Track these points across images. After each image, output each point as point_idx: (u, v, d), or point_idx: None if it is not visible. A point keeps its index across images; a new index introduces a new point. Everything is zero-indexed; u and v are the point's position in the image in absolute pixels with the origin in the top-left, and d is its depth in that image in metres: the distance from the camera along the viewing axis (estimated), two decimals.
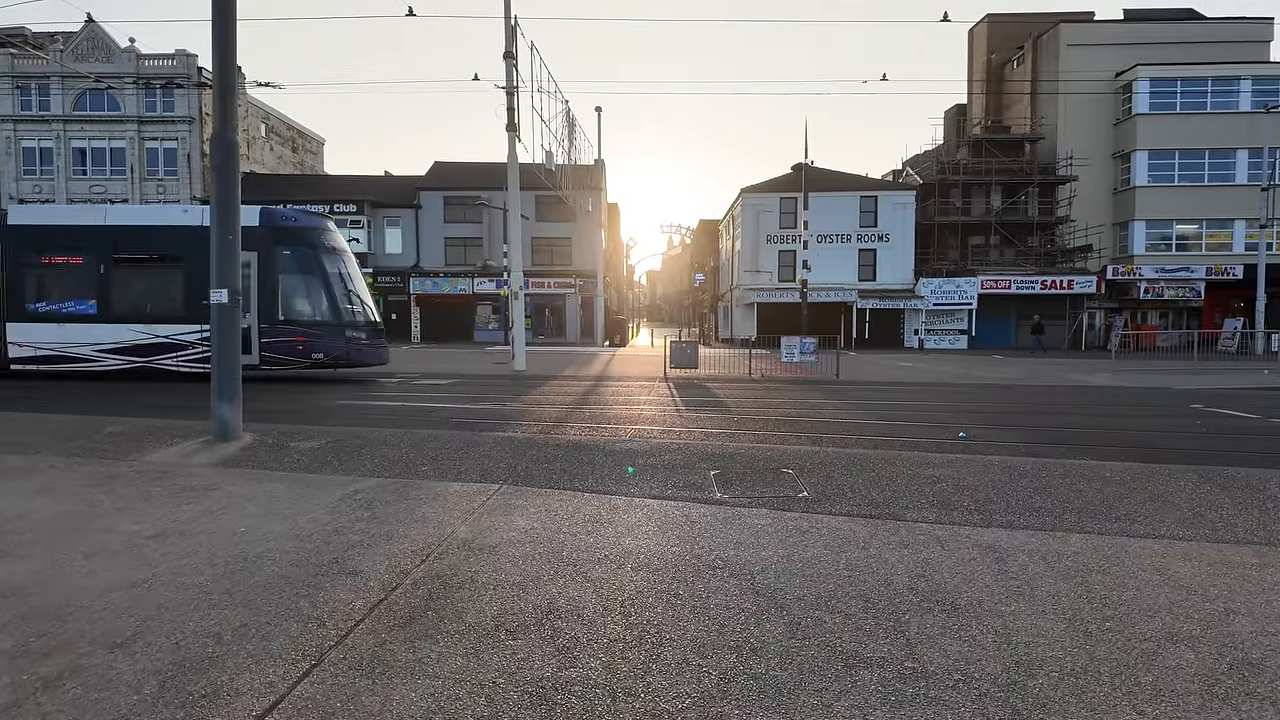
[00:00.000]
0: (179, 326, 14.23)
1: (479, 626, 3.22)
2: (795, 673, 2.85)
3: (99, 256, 14.45)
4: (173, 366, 14.31)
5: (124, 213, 15.08)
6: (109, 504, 5.15)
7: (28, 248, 14.54)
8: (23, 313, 14.48)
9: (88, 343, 14.37)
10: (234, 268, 7.18)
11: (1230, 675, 2.86)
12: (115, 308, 14.45)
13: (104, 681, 2.72)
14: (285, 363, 14.41)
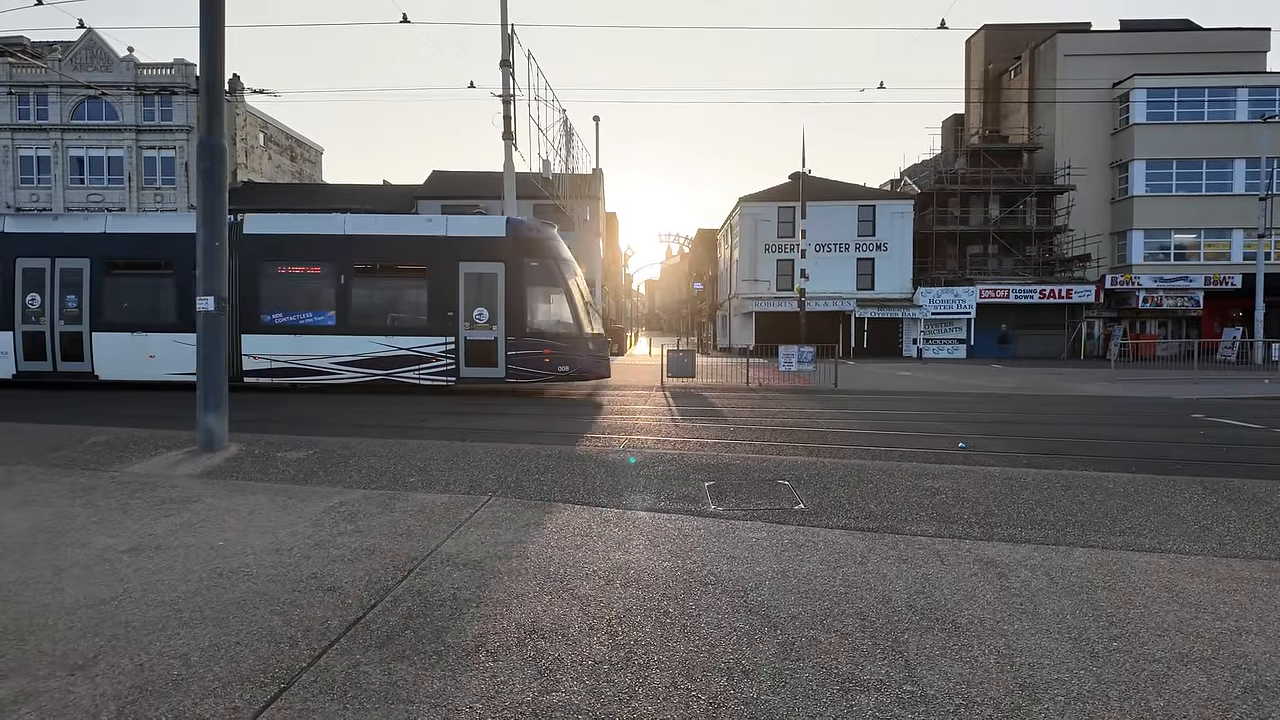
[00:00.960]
0: (421, 339, 13.79)
1: (458, 647, 3.08)
2: (789, 697, 2.71)
3: (337, 266, 13.97)
4: (413, 379, 13.87)
5: (363, 222, 14.50)
6: (85, 516, 5.00)
7: (262, 257, 14.07)
8: (257, 324, 14.03)
9: (325, 355, 13.90)
10: (221, 274, 7.06)
11: (1245, 700, 2.73)
12: (354, 319, 13.99)
13: (60, 707, 2.58)
14: (531, 375, 13.95)
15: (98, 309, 14.09)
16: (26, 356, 14.11)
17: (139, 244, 14.32)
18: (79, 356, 14.07)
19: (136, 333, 14.06)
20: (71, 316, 14.12)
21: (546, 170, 22.34)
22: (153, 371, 14.05)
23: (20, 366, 14.13)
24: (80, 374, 14.12)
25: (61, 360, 14.11)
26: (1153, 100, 35.65)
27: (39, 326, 14.10)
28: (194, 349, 13.63)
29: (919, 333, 37.35)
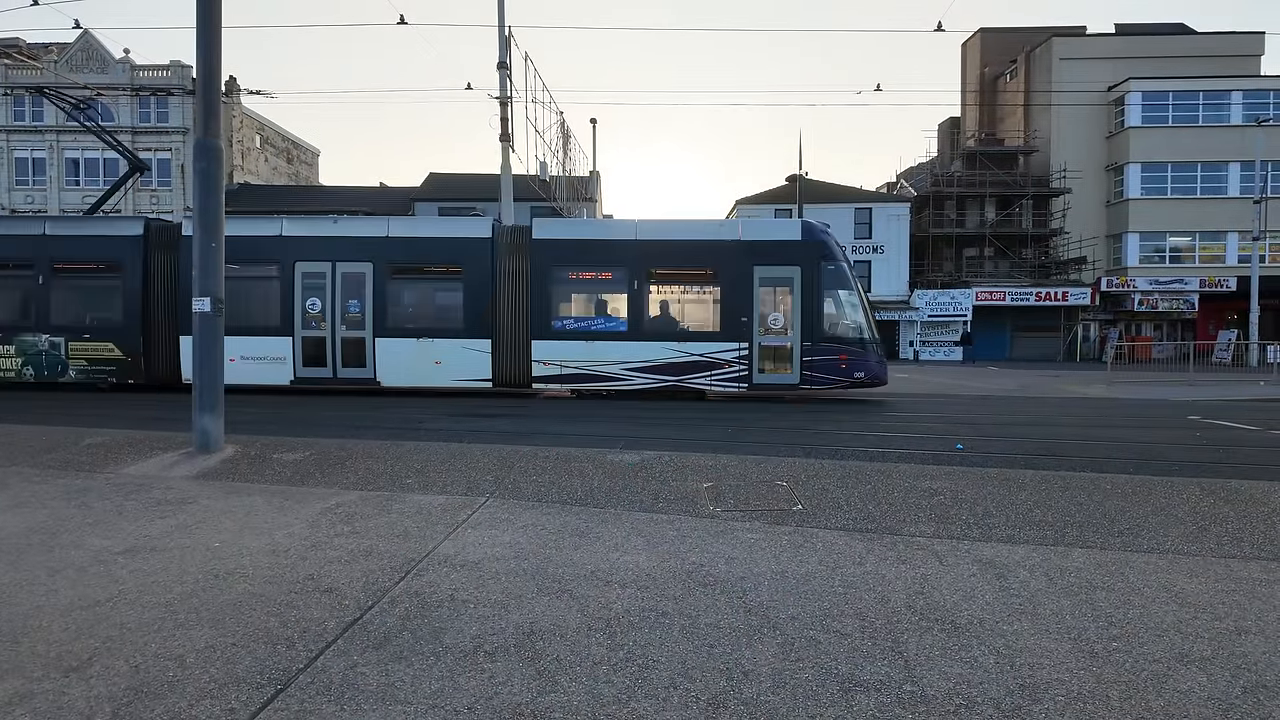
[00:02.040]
0: (714, 344, 13.56)
1: (456, 648, 3.07)
2: (789, 697, 2.70)
3: (629, 271, 13.74)
4: (705, 385, 13.63)
5: (655, 227, 14.12)
6: (80, 518, 4.98)
7: (552, 263, 13.83)
8: (547, 330, 13.76)
9: (616, 361, 13.66)
10: (217, 275, 7.04)
11: (1245, 699, 2.72)
12: (647, 324, 13.77)
13: (54, 709, 2.56)
14: (827, 382, 13.68)
15: (381, 314, 13.82)
16: (305, 363, 13.87)
17: (423, 248, 14.08)
18: (361, 363, 13.86)
19: (422, 338, 13.83)
20: (354, 322, 13.86)
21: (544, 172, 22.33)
22: (438, 378, 13.83)
23: (299, 373, 13.86)
24: (362, 380, 13.88)
25: (343, 366, 13.88)
26: (1148, 103, 35.79)
27: (319, 332, 13.85)
28: (485, 355, 13.63)
29: (916, 335, 37.40)
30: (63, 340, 14.06)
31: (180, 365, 13.87)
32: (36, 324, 14.11)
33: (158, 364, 14.10)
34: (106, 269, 14.24)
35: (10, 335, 14.06)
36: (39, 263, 14.08)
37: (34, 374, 14.07)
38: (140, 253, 14.05)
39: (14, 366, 14.05)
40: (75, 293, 14.55)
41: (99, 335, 14.11)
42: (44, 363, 14.07)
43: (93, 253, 14.25)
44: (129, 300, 14.07)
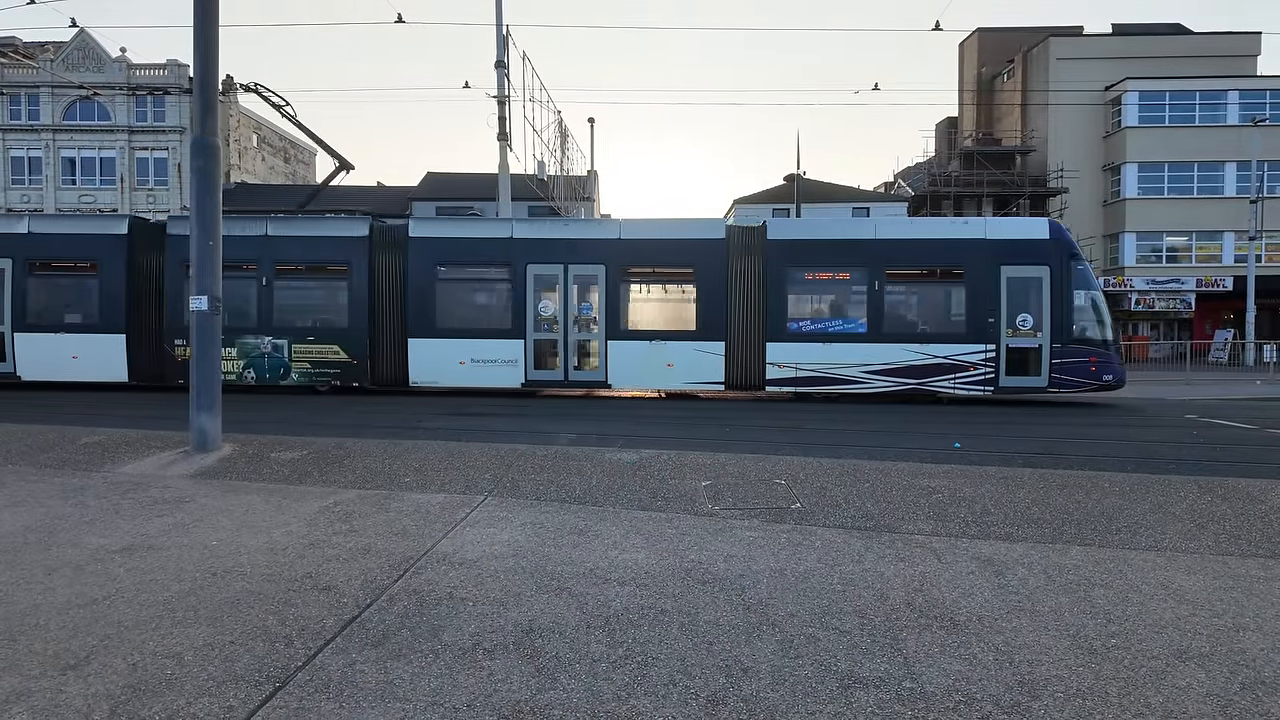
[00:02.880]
0: (957, 346, 13.32)
1: (455, 645, 3.06)
2: (788, 694, 2.70)
3: (868, 271, 13.49)
4: (948, 388, 13.39)
5: (895, 225, 13.84)
6: (77, 517, 4.96)
7: (787, 263, 13.54)
8: (783, 332, 13.49)
9: (854, 363, 13.42)
10: (215, 274, 7.01)
11: (1244, 695, 2.73)
12: (886, 326, 13.46)
13: (52, 706, 2.56)
14: (1075, 385, 13.41)
15: (613, 316, 13.69)
16: (537, 365, 13.75)
17: (655, 249, 13.89)
18: (593, 365, 13.76)
19: (654, 341, 13.67)
20: (586, 324, 13.77)
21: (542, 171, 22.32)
22: (669, 380, 13.71)
23: (530, 375, 13.75)
24: (593, 383, 13.80)
25: (574, 369, 13.77)
26: (1144, 103, 35.83)
27: (551, 335, 13.75)
28: (718, 358, 13.44)
29: None
30: (286, 342, 13.85)
31: (408, 369, 13.79)
32: (259, 326, 13.88)
33: (383, 367, 13.93)
34: (331, 270, 14.12)
35: (232, 337, 13.66)
36: (262, 264, 13.86)
37: (255, 376, 13.85)
38: (365, 254, 13.87)
39: (235, 369, 13.80)
40: (299, 294, 14.41)
41: (324, 338, 13.91)
42: (266, 365, 13.86)
43: (317, 254, 14.10)
44: (355, 302, 13.86)
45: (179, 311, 13.52)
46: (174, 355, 13.67)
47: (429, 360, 13.75)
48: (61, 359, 13.91)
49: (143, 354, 14.01)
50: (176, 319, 13.58)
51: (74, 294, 14.45)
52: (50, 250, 14.14)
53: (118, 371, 13.92)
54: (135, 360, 13.99)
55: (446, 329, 13.78)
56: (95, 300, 14.01)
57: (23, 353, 13.96)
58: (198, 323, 6.96)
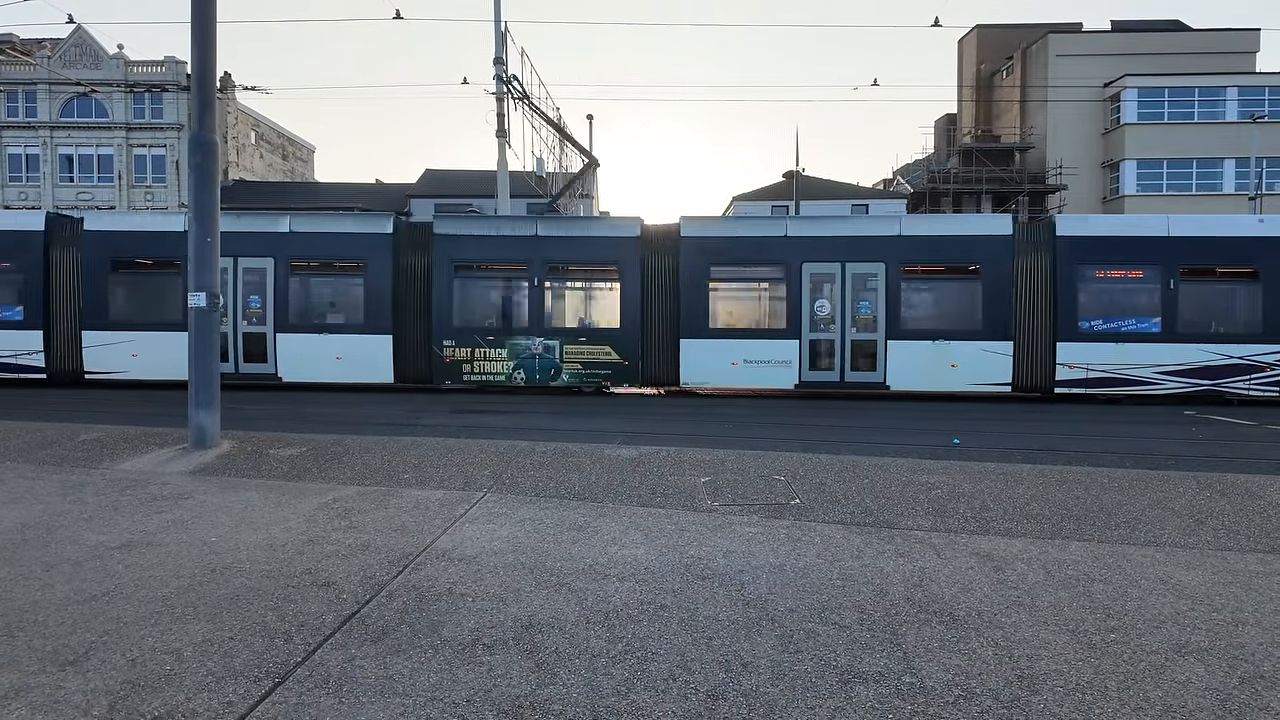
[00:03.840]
0: (1257, 346, 13.07)
1: (455, 641, 3.06)
2: (787, 689, 2.70)
3: (1163, 269, 13.13)
4: (1242, 390, 13.13)
5: (1189, 223, 13.54)
6: (76, 513, 4.96)
7: (1080, 260, 13.23)
8: (1074, 332, 13.14)
9: (1147, 364, 13.13)
10: (213, 270, 7.00)
11: (1243, 690, 2.73)
12: (1181, 325, 13.14)
13: (50, 702, 2.55)
14: None
15: (893, 315, 13.43)
16: (811, 366, 13.54)
17: (937, 247, 13.60)
18: (871, 366, 13.51)
19: (937, 340, 13.42)
20: (865, 324, 13.54)
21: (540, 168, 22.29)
22: (952, 382, 13.39)
23: (803, 376, 13.54)
24: (870, 384, 13.56)
25: (850, 370, 13.53)
26: (1143, 100, 35.82)
27: (828, 335, 13.54)
28: (1005, 358, 13.05)
29: None
30: (557, 343, 13.71)
31: (679, 370, 13.63)
32: (530, 327, 13.75)
33: (654, 368, 13.84)
34: (602, 270, 14.02)
35: (503, 339, 13.72)
36: (532, 264, 13.73)
37: (525, 378, 13.73)
38: (637, 254, 13.69)
39: (505, 370, 13.73)
40: (570, 295, 14.38)
41: (595, 339, 13.76)
42: (536, 366, 13.71)
43: (588, 254, 13.91)
44: (626, 302, 13.68)
45: (447, 312, 13.56)
46: (442, 356, 13.61)
47: (701, 361, 13.56)
48: (324, 360, 13.74)
49: (409, 355, 13.84)
50: (444, 320, 13.57)
51: (338, 294, 14.29)
52: (313, 250, 13.92)
53: (383, 373, 13.76)
54: (401, 361, 13.81)
55: (719, 329, 13.61)
56: (360, 300, 13.81)
57: (285, 354, 13.78)
58: (196, 319, 6.94)
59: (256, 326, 13.78)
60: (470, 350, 13.69)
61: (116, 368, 13.82)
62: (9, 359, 13.94)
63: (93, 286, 13.83)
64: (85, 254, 13.86)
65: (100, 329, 13.79)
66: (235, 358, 13.76)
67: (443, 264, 13.65)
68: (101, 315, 13.81)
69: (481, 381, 13.73)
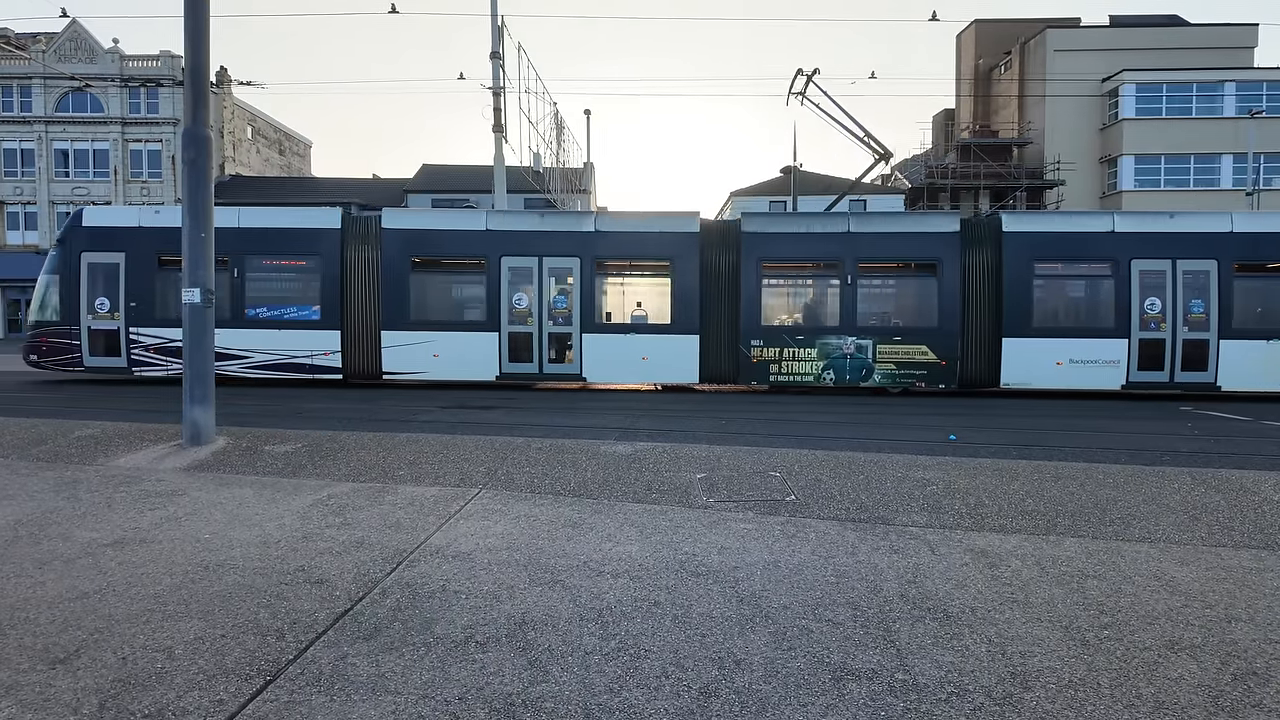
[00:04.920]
0: None
1: (448, 638, 3.05)
2: (780, 686, 2.70)
3: None
4: None
5: None
6: (69, 510, 4.94)
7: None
8: None
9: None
10: (208, 267, 6.97)
11: (1235, 686, 2.73)
12: None
13: (40, 700, 2.54)
14: None
15: (1225, 314, 13.14)
16: (1140, 366, 13.23)
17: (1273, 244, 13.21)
18: (1201, 366, 13.16)
19: (1273, 340, 13.11)
20: (1196, 323, 13.20)
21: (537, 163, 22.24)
22: None
23: (1132, 376, 13.22)
24: (1200, 385, 13.23)
25: (1180, 370, 13.18)
26: (1141, 95, 35.82)
27: (1158, 334, 13.23)
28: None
29: None
30: (870, 343, 13.33)
31: (999, 369, 13.25)
32: (842, 326, 13.39)
33: (972, 367, 13.44)
34: (919, 267, 13.60)
35: (813, 338, 13.38)
36: (844, 261, 13.35)
37: (834, 378, 13.39)
38: (956, 250, 13.28)
39: (813, 370, 13.41)
40: (884, 293, 13.95)
41: (910, 338, 13.36)
42: (847, 366, 13.37)
43: (904, 251, 13.51)
44: (945, 300, 13.26)
45: (755, 311, 13.31)
46: (749, 356, 13.39)
47: (1023, 360, 13.19)
48: (629, 361, 13.57)
49: (715, 355, 13.61)
50: (753, 319, 13.32)
51: (644, 293, 14.04)
52: (620, 249, 13.67)
53: (689, 374, 13.55)
54: (707, 361, 13.58)
55: (1042, 328, 13.22)
56: (667, 300, 13.55)
57: (589, 355, 13.58)
58: (190, 315, 6.91)
59: (562, 327, 13.56)
60: (778, 350, 13.43)
61: (416, 368, 13.60)
62: (305, 359, 13.63)
63: (392, 286, 13.57)
64: (384, 252, 13.55)
65: (400, 329, 13.56)
66: (540, 358, 13.60)
67: (751, 262, 13.34)
68: (402, 315, 13.57)
69: (788, 381, 13.45)
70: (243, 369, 13.70)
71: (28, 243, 38.76)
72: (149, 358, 13.67)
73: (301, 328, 13.67)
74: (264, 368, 13.67)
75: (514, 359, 13.60)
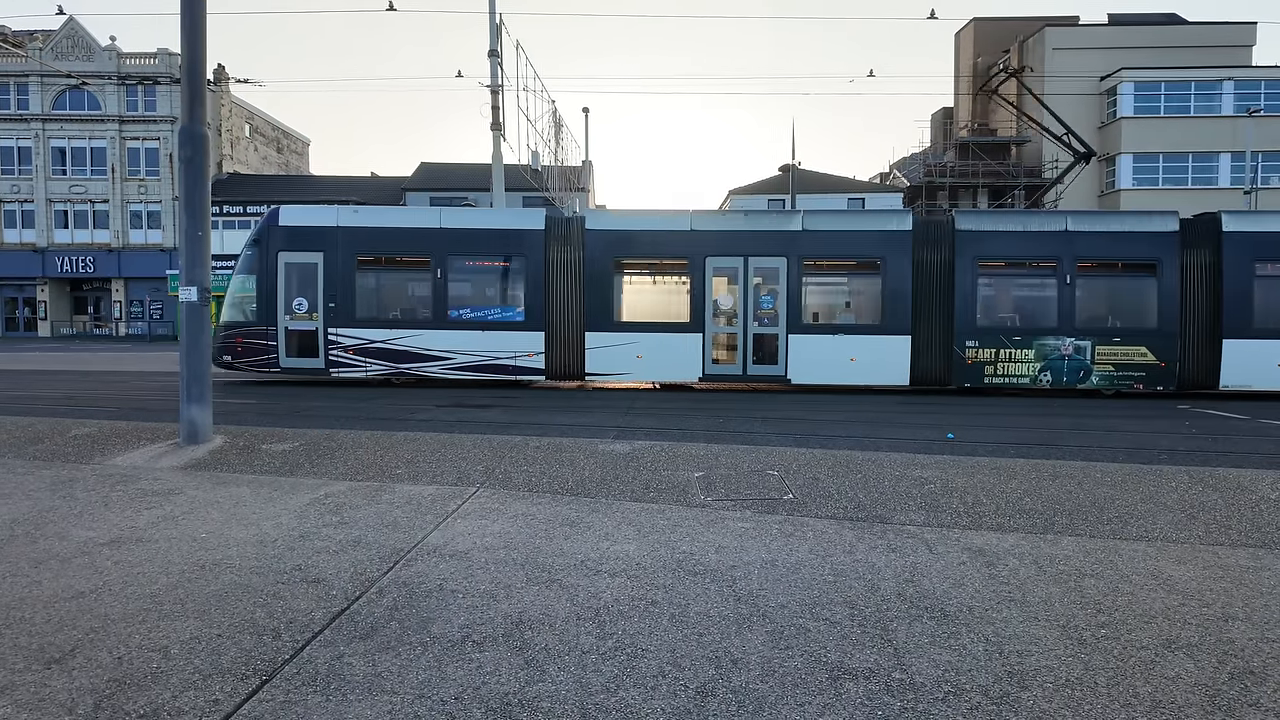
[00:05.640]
0: None
1: (444, 638, 3.05)
2: (777, 685, 2.70)
3: None
4: None
5: None
6: (65, 509, 4.93)
7: None
8: None
9: None
10: (205, 265, 6.96)
11: (1232, 685, 2.73)
12: None
13: (35, 700, 2.53)
14: None
15: None
16: None
17: None
18: None
19: None
20: None
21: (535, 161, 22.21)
22: None
23: None
24: None
25: None
26: (1140, 94, 35.84)
27: None
28: None
29: None
30: (1089, 344, 13.04)
31: (1219, 371, 12.93)
32: (1060, 326, 13.11)
33: (1192, 369, 13.15)
34: (1138, 267, 13.22)
35: (1029, 339, 13.10)
36: (1061, 261, 13.09)
37: (1051, 380, 13.14)
38: (1175, 251, 12.98)
39: (1030, 372, 13.13)
40: (1103, 293, 13.56)
41: (1130, 339, 13.06)
42: (1065, 368, 13.09)
43: (1125, 251, 13.19)
44: (1164, 301, 13.00)
45: (970, 311, 13.09)
46: (964, 358, 13.14)
47: (1244, 362, 12.89)
48: (837, 362, 13.30)
49: (926, 356, 13.32)
50: (968, 319, 13.10)
51: (853, 294, 13.89)
52: (827, 249, 13.43)
53: (899, 375, 13.29)
54: (918, 363, 13.31)
55: (1264, 329, 12.90)
56: (877, 300, 13.38)
57: (795, 355, 13.35)
58: (187, 314, 6.90)
59: (768, 327, 13.36)
60: (994, 351, 13.17)
61: (619, 369, 13.50)
62: (508, 360, 13.51)
63: (596, 286, 13.45)
64: (587, 253, 13.42)
65: (603, 330, 13.45)
66: (744, 359, 13.42)
67: (966, 260, 13.12)
68: (605, 316, 13.47)
69: (1003, 383, 13.23)
70: (444, 370, 13.60)
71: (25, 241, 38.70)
72: (347, 359, 13.56)
73: (504, 329, 13.55)
74: (466, 369, 13.59)
75: (717, 360, 13.48)
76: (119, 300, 39.66)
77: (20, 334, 39.64)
